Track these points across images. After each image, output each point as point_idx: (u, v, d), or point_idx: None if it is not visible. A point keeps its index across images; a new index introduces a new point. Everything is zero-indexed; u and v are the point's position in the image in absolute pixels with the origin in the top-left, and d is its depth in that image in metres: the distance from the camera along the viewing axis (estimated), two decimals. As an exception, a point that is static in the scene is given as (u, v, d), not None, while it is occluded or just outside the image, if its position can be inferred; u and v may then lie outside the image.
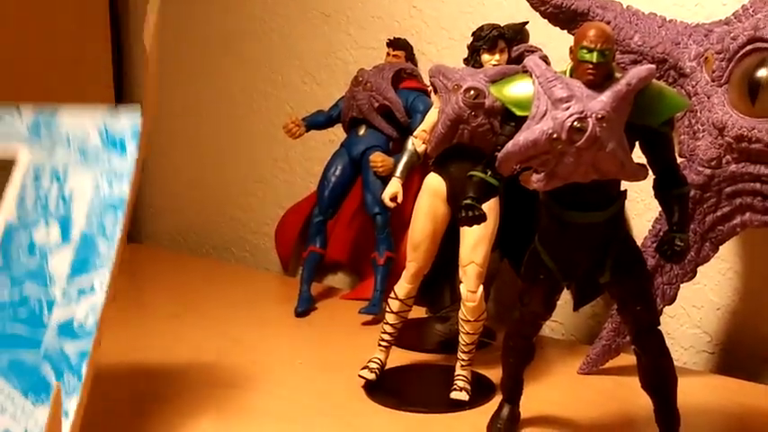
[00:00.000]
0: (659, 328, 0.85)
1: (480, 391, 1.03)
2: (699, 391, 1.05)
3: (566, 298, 0.91)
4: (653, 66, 0.80)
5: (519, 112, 0.81)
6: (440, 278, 1.18)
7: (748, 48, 0.94)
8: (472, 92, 0.98)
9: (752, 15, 0.97)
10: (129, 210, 0.77)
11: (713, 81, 0.98)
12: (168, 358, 1.18)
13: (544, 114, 0.77)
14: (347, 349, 1.20)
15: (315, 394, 1.05)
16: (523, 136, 0.78)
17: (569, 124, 0.75)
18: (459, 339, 1.02)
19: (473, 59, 1.03)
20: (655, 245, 0.88)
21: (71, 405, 0.73)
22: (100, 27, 1.92)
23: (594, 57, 0.77)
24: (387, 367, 1.07)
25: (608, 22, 1.03)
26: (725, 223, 1.01)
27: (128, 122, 0.83)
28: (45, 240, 0.79)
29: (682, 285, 1.05)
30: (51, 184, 0.82)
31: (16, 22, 1.76)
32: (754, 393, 1.06)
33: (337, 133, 1.48)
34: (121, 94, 2.02)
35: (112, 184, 0.81)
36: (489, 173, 0.83)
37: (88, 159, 0.83)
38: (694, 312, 1.21)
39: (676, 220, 0.81)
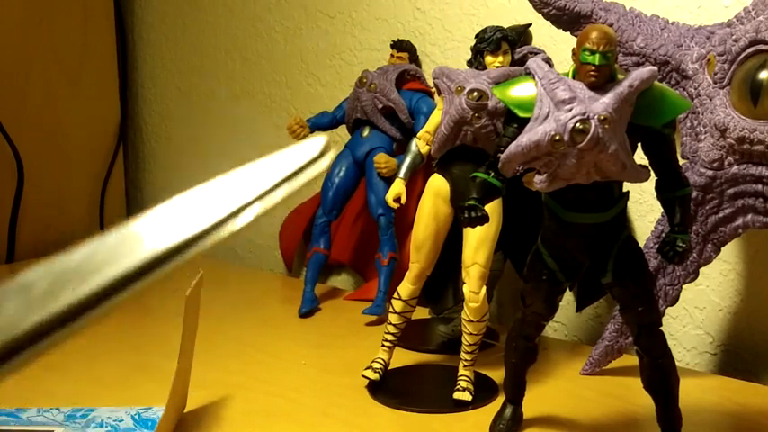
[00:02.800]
0: (661, 328, 0.85)
1: (483, 391, 1.03)
2: (701, 391, 1.06)
3: (568, 299, 0.92)
4: (655, 68, 0.80)
5: (522, 114, 0.81)
6: (443, 279, 1.18)
7: (750, 50, 0.94)
8: (475, 93, 0.98)
9: (754, 18, 0.97)
10: None
11: (715, 83, 0.98)
12: (170, 359, 1.18)
13: (547, 116, 0.77)
14: (350, 349, 1.21)
15: (318, 394, 1.05)
16: (526, 137, 0.78)
17: (572, 126, 0.75)
18: (462, 340, 1.02)
19: (476, 61, 1.03)
20: (657, 246, 0.89)
21: None
22: (104, 27, 1.93)
23: (597, 59, 0.77)
24: (390, 367, 1.08)
25: (611, 25, 1.03)
26: (727, 224, 1.01)
27: (161, 411, 0.92)
28: None
29: (684, 286, 1.05)
30: None
31: (18, 23, 1.77)
32: (757, 394, 1.06)
33: (341, 134, 1.48)
34: (125, 91, 2.03)
35: None
36: (492, 174, 0.83)
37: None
38: (697, 313, 1.22)
39: (678, 222, 0.81)
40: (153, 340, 1.27)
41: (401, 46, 1.42)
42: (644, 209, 1.24)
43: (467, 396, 1.00)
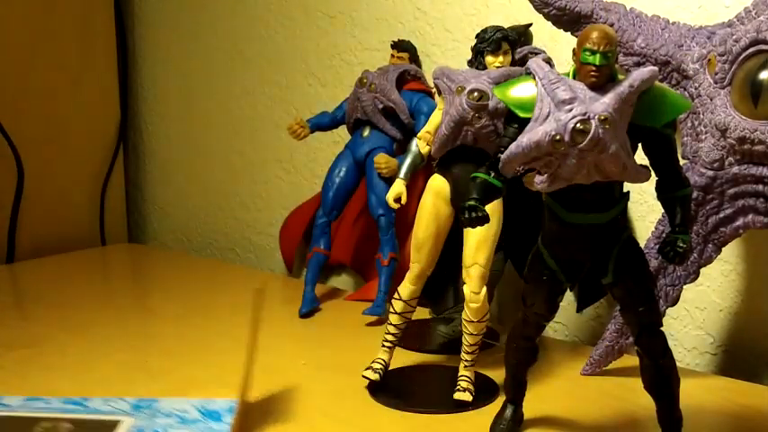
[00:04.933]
0: (662, 329, 0.85)
1: (483, 391, 1.03)
2: (702, 392, 1.06)
3: (569, 299, 0.91)
4: (655, 68, 0.80)
5: (522, 114, 0.81)
6: (443, 279, 1.18)
7: (751, 50, 0.94)
8: (476, 93, 0.98)
9: (754, 18, 0.97)
10: None
11: (716, 83, 0.98)
12: (171, 359, 1.18)
13: (547, 116, 0.77)
14: (351, 350, 1.21)
15: (318, 394, 1.05)
16: (527, 137, 0.78)
17: (572, 126, 0.75)
18: (463, 340, 1.02)
19: (477, 61, 1.03)
20: (657, 246, 0.89)
21: None
22: (104, 27, 1.93)
23: (597, 59, 0.77)
24: (390, 368, 1.07)
25: (611, 25, 1.03)
26: (727, 225, 1.01)
27: (224, 404, 0.94)
28: None
29: (685, 287, 1.05)
30: None
31: (19, 23, 1.77)
32: (758, 395, 1.06)
33: (342, 135, 1.48)
34: (125, 91, 2.03)
35: None
36: (492, 174, 0.83)
37: (187, 423, 0.91)
38: (697, 314, 1.22)
39: (679, 222, 0.81)
40: (149, 340, 1.27)
41: (401, 46, 1.42)
42: (644, 209, 1.24)
43: (467, 396, 1.00)
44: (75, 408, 0.92)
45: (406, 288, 1.05)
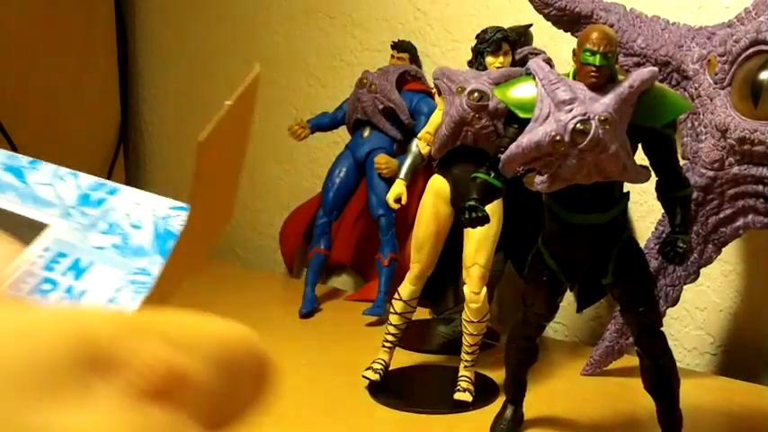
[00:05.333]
0: (662, 329, 0.85)
1: (484, 392, 1.03)
2: (702, 392, 1.05)
3: (569, 300, 0.91)
4: (655, 68, 0.80)
5: (522, 115, 0.81)
6: (444, 280, 1.18)
7: (751, 50, 0.94)
8: (476, 94, 0.98)
9: (754, 18, 0.97)
10: None
11: (716, 83, 0.98)
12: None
13: (547, 116, 0.77)
14: (351, 350, 1.20)
15: (319, 395, 1.05)
16: (527, 138, 0.78)
17: (572, 126, 0.75)
18: (463, 341, 1.02)
19: (477, 62, 1.03)
20: (658, 247, 0.89)
21: None
22: (105, 27, 1.93)
23: (597, 59, 0.77)
24: (390, 368, 1.08)
25: (611, 25, 1.03)
26: (727, 225, 1.01)
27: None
28: None
29: (685, 287, 1.05)
30: (64, 276, 0.74)
31: (18, 23, 1.77)
32: (757, 395, 1.06)
33: (342, 135, 1.48)
34: (125, 91, 2.03)
35: (138, 293, 0.72)
36: (493, 174, 0.83)
37: (125, 255, 0.74)
38: (697, 314, 1.22)
39: (679, 222, 0.81)
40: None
41: (402, 46, 1.42)
42: (645, 209, 1.24)
43: (467, 397, 1.00)
44: (11, 182, 0.76)
45: (406, 288, 1.05)
